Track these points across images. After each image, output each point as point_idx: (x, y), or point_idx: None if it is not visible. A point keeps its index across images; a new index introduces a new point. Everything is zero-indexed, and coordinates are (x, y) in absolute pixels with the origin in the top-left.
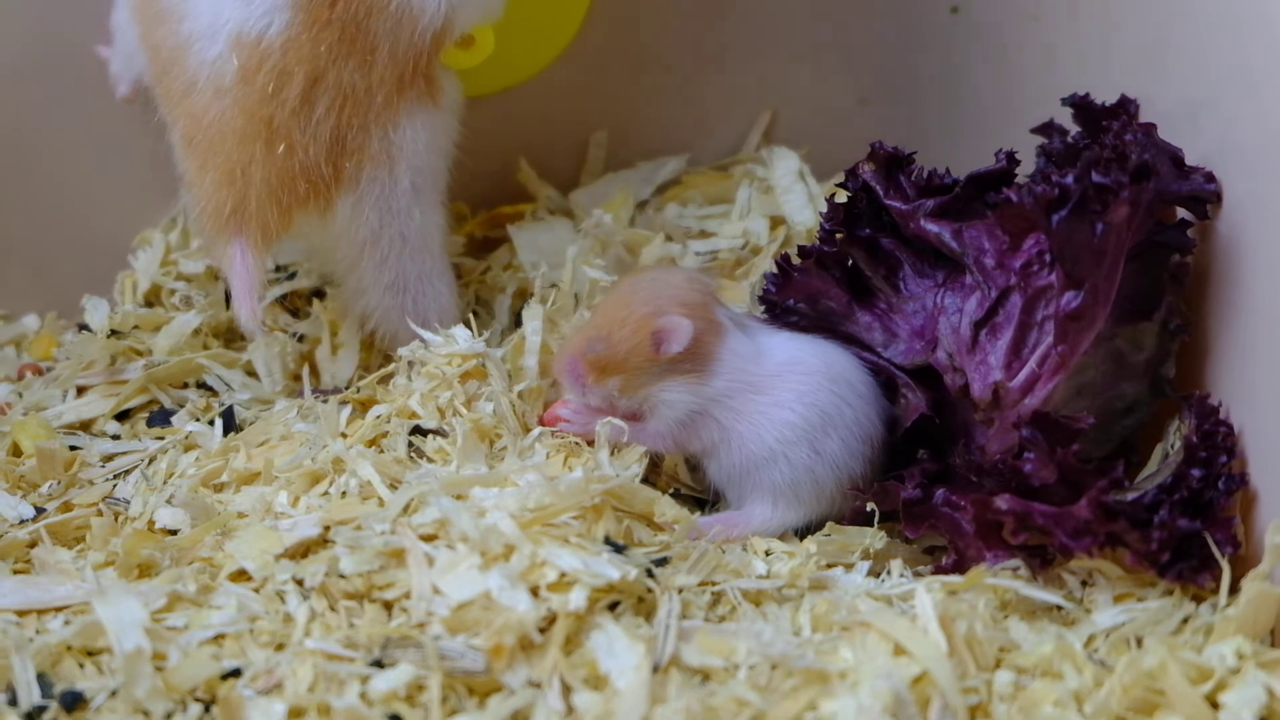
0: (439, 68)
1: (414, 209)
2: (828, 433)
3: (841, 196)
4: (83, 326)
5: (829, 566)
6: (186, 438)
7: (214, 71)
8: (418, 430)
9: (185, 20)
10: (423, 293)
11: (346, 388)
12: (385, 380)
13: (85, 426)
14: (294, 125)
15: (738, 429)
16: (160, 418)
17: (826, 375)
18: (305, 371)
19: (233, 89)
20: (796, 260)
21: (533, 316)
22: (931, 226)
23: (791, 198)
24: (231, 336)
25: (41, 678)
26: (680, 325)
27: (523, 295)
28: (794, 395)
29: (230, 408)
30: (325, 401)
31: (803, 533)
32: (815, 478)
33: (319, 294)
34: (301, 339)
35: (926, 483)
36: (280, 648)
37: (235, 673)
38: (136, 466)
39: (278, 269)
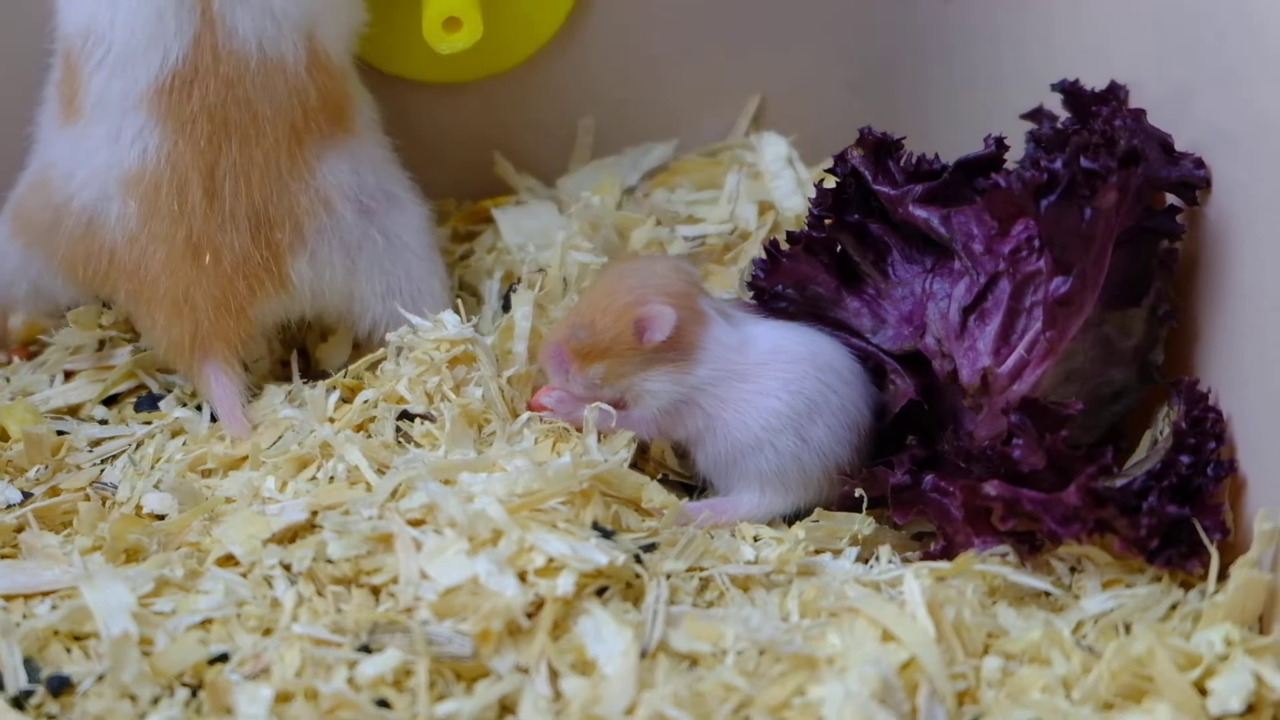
0: (343, 92)
1: (370, 229)
2: (814, 420)
3: (830, 182)
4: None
5: (817, 552)
6: (174, 423)
7: (122, 225)
8: (406, 415)
9: (75, 199)
10: (417, 290)
11: (335, 372)
12: (374, 366)
13: (73, 411)
14: (210, 228)
15: (723, 417)
16: (148, 402)
17: (812, 363)
18: (294, 358)
19: (143, 229)
20: (785, 246)
21: (522, 302)
22: (920, 212)
23: (780, 183)
24: None
25: (28, 662)
26: (663, 314)
27: (510, 278)
28: (779, 383)
29: None
30: (314, 387)
31: (791, 519)
32: (802, 465)
33: None
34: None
35: (915, 469)
36: (267, 633)
37: (222, 658)
38: (124, 451)
39: None
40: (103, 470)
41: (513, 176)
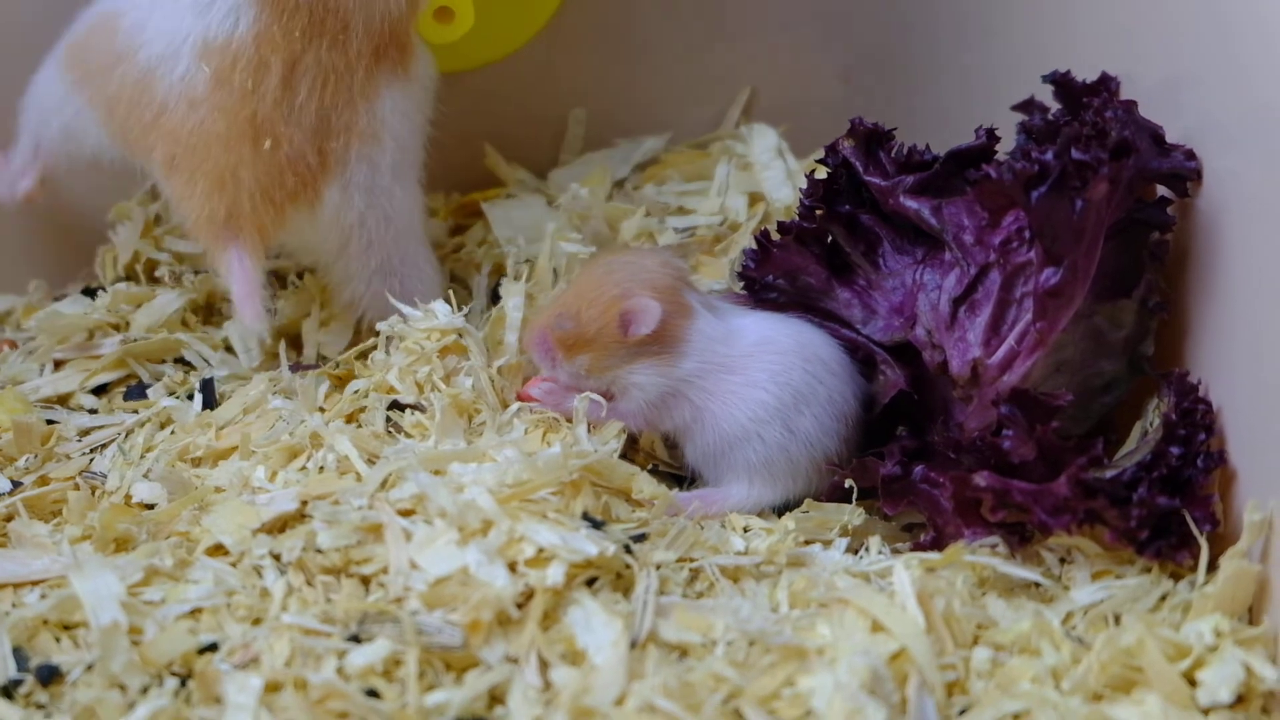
0: (413, 36)
1: (395, 188)
2: (801, 411)
3: (821, 173)
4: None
5: (807, 543)
6: (163, 412)
7: (185, 87)
8: (396, 405)
9: (142, 50)
10: (409, 275)
11: (323, 363)
12: (364, 356)
13: (62, 400)
14: (277, 116)
15: (711, 409)
16: (137, 392)
17: (799, 354)
18: (282, 347)
19: (208, 97)
20: (776, 236)
21: (513, 293)
22: (911, 203)
23: (770, 174)
24: (210, 313)
25: (18, 651)
26: (648, 307)
27: (499, 272)
28: (767, 375)
29: (210, 380)
30: (304, 377)
31: (781, 510)
32: (789, 456)
33: (299, 273)
34: (275, 314)
35: (905, 460)
36: (257, 622)
37: (212, 647)
38: (114, 441)
39: None
40: (92, 459)
41: (503, 168)
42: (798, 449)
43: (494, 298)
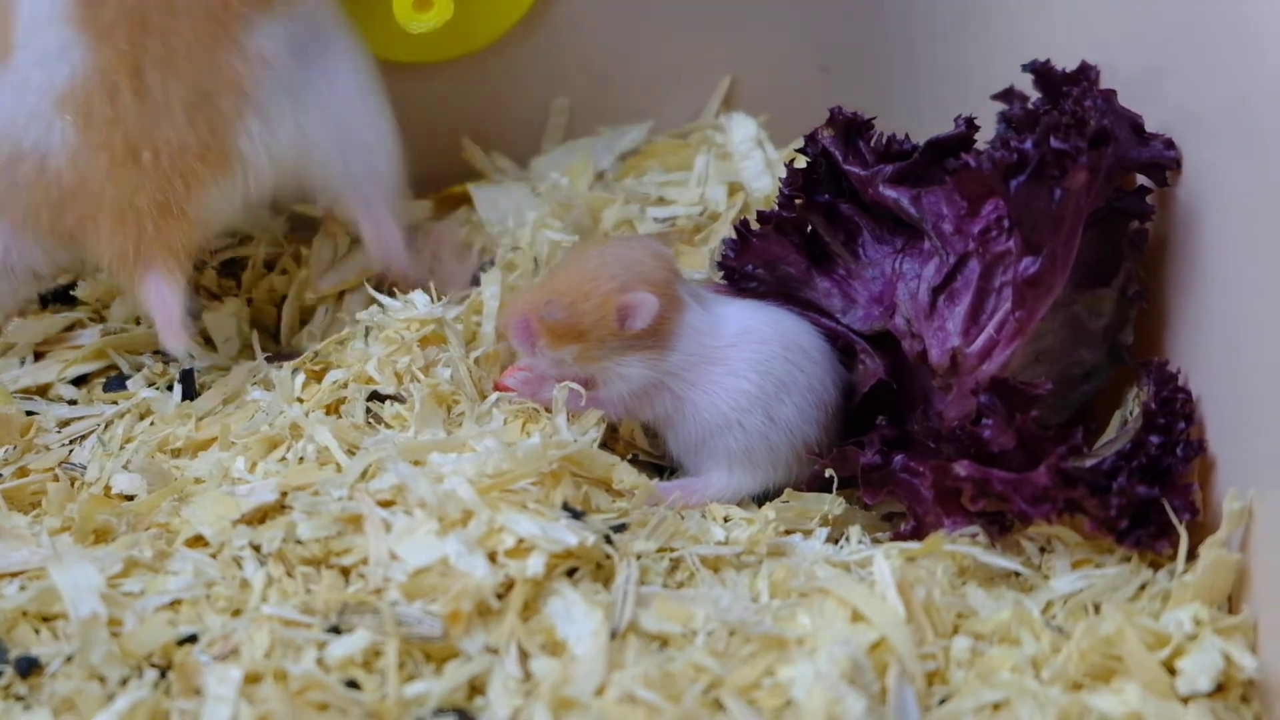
0: None
1: (312, 74)
2: (781, 399)
3: (801, 162)
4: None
5: (787, 533)
6: (142, 403)
7: (64, 146)
8: (376, 396)
9: (24, 139)
10: (371, 143)
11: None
12: (343, 343)
13: (41, 391)
14: (145, 126)
15: (692, 399)
16: (117, 383)
17: (780, 343)
18: (255, 338)
19: (81, 141)
20: (755, 226)
21: (491, 281)
22: (890, 192)
23: (749, 164)
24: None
25: None
26: (647, 302)
27: (486, 253)
28: (748, 364)
29: (190, 371)
30: (280, 368)
31: (761, 499)
32: (770, 444)
33: (269, 265)
34: (250, 303)
35: (885, 449)
36: (237, 613)
37: (191, 638)
38: (93, 432)
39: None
40: (71, 450)
41: (481, 160)
42: (778, 437)
43: (475, 280)
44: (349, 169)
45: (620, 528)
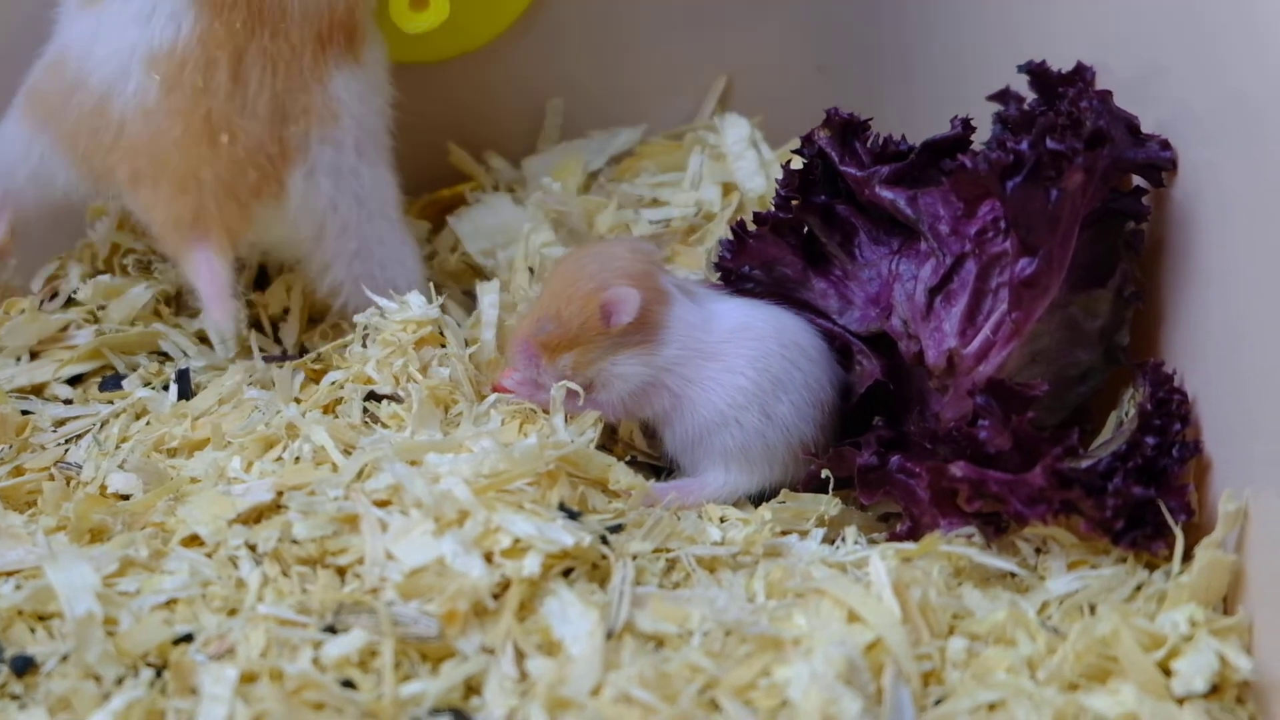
0: (360, 19)
1: (361, 168)
2: (778, 397)
3: (797, 163)
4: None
5: (784, 533)
6: (138, 403)
7: (139, 100)
8: (373, 396)
9: (93, 76)
10: (388, 257)
11: (302, 353)
12: (343, 348)
13: (37, 390)
14: (231, 109)
15: (690, 395)
16: (113, 382)
17: (777, 340)
18: (253, 338)
19: (162, 104)
20: (752, 227)
21: (488, 291)
22: (886, 193)
23: (743, 164)
24: (182, 305)
25: None
26: (627, 296)
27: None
28: (745, 360)
29: (186, 371)
30: (280, 367)
31: (758, 500)
32: (766, 441)
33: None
34: (251, 304)
35: (881, 450)
36: (233, 613)
37: (187, 638)
38: (89, 431)
39: None
40: (67, 450)
41: (470, 165)
42: (775, 435)
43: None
44: (368, 277)
45: (616, 528)
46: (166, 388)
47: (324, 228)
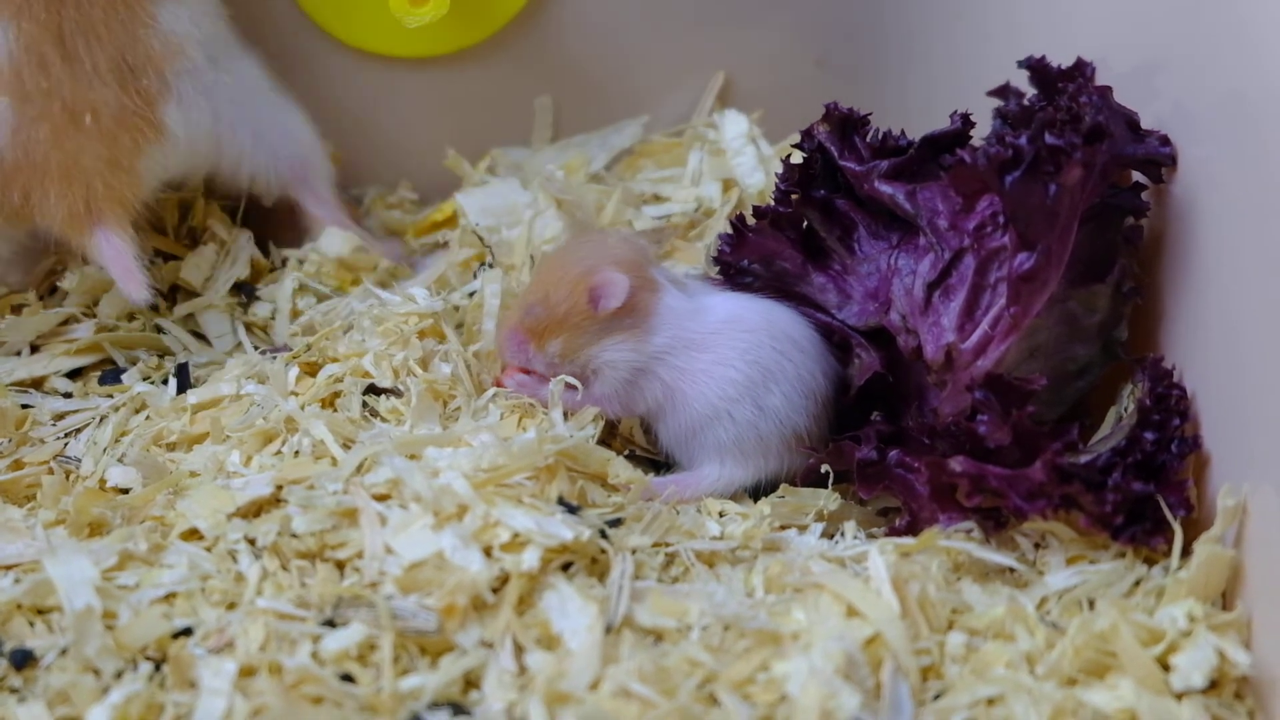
0: None
1: (222, 74)
2: (769, 388)
3: (797, 157)
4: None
5: (782, 528)
6: (137, 396)
7: (4, 128)
8: (372, 389)
9: None
10: (281, 131)
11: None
12: (344, 333)
13: (37, 384)
14: (80, 90)
15: (682, 388)
16: (112, 376)
17: (767, 331)
18: (242, 331)
19: (21, 118)
20: (751, 221)
21: (491, 279)
22: (885, 188)
23: (742, 160)
24: (175, 298)
25: None
26: (616, 280)
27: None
28: (736, 352)
29: (185, 365)
30: (274, 359)
31: (756, 493)
32: (760, 433)
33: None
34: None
35: (880, 445)
36: (232, 607)
37: (186, 631)
38: (88, 425)
39: None
40: (66, 444)
41: (465, 170)
42: (768, 426)
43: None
44: (272, 156)
45: (615, 522)
46: (165, 381)
47: (217, 137)
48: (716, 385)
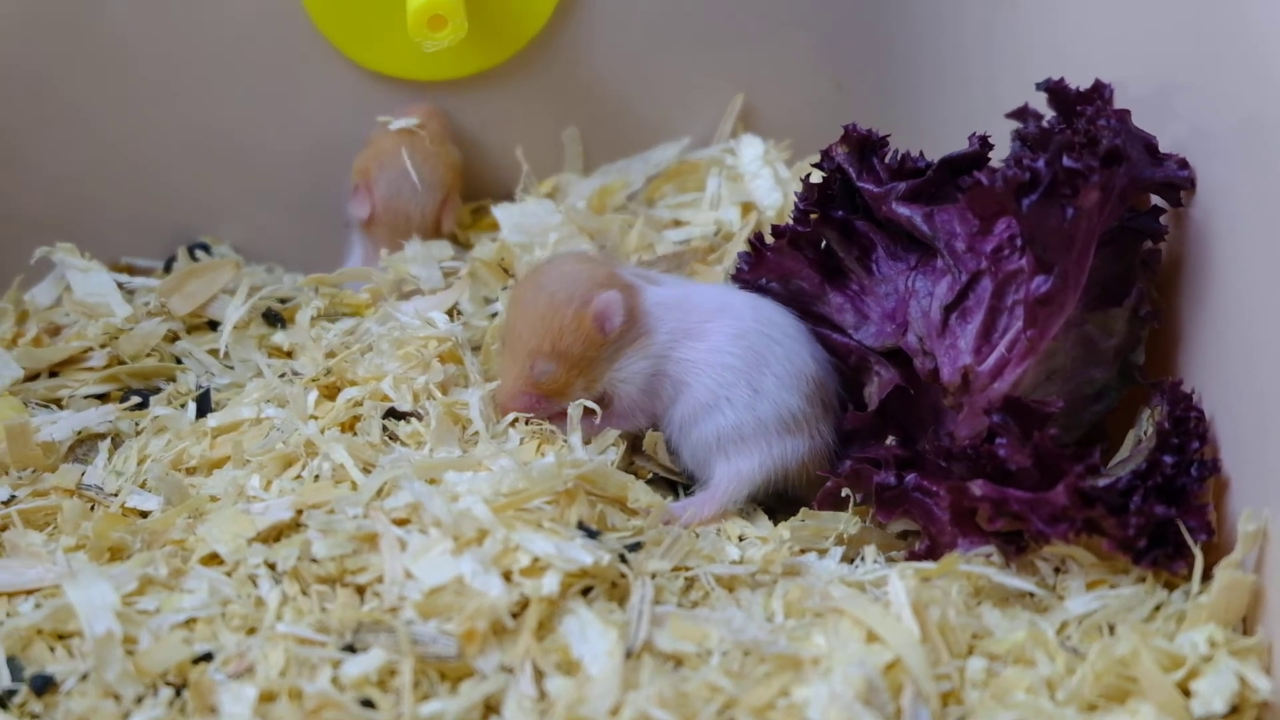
0: None
1: None
2: (762, 371)
3: (816, 176)
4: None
5: (802, 552)
6: (158, 421)
7: None
8: (392, 413)
9: None
10: None
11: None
12: (360, 355)
13: (57, 404)
14: None
15: (686, 380)
16: (136, 398)
17: (754, 318)
18: (260, 356)
19: None
20: (770, 240)
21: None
22: (903, 209)
23: (760, 182)
24: (196, 326)
25: (12, 661)
26: (609, 298)
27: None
28: (727, 339)
29: (207, 391)
30: (292, 384)
31: (772, 512)
32: (756, 415)
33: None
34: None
35: (898, 469)
36: (252, 632)
37: (206, 656)
38: (109, 449)
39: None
40: (85, 471)
41: (525, 179)
42: (764, 407)
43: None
44: None
45: (635, 547)
46: (185, 406)
47: None
48: (714, 373)
